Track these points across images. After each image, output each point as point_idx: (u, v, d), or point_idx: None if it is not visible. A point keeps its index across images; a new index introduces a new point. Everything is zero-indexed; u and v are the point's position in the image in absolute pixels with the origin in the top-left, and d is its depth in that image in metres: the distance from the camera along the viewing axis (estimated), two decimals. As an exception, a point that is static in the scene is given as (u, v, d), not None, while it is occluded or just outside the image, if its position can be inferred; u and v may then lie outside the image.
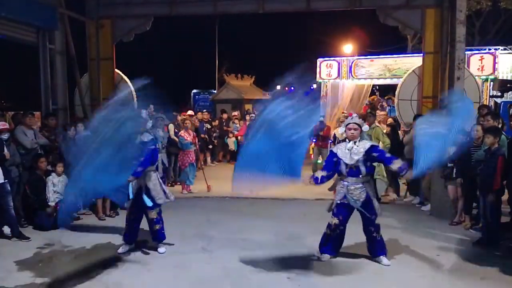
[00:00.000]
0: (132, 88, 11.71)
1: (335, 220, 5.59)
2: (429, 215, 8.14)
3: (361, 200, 5.44)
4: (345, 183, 5.47)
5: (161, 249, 6.09)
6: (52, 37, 10.01)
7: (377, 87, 15.25)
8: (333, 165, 5.57)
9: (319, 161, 11.08)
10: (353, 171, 5.43)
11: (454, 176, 7.33)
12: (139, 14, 11.10)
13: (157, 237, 6.14)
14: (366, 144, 5.44)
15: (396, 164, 5.39)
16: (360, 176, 5.44)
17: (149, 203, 5.89)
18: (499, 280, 5.20)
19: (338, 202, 5.55)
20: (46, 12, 9.55)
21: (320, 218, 6.65)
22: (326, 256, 5.76)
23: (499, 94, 14.13)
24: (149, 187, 5.95)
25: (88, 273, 5.32)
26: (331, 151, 5.80)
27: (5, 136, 6.70)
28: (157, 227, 6.08)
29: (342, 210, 5.57)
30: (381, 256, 5.63)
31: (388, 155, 5.63)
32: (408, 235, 6.88)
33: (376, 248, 5.67)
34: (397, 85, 11.63)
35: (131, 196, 5.88)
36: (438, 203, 8.03)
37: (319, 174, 5.57)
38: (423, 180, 8.64)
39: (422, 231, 7.09)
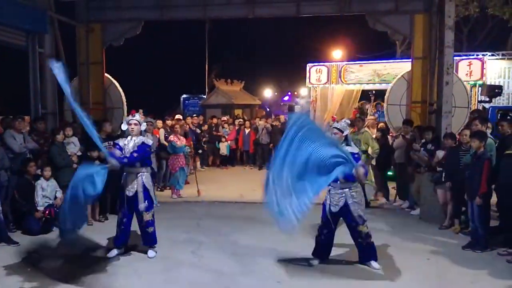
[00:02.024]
0: (122, 93, 11.76)
1: (320, 222, 5.72)
2: (419, 219, 8.19)
3: (339, 205, 5.47)
4: (329, 186, 5.50)
5: (151, 253, 6.05)
6: (42, 40, 9.94)
7: (373, 92, 15.30)
8: None
9: None
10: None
11: (443, 180, 7.41)
12: (129, 18, 11.07)
13: (150, 241, 6.09)
14: (349, 150, 5.30)
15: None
16: (338, 182, 5.40)
17: (149, 204, 5.96)
18: (489, 283, 5.26)
19: (325, 206, 5.64)
20: (35, 16, 9.48)
21: (311, 222, 6.67)
22: (315, 261, 5.78)
23: (487, 99, 14.29)
24: (148, 188, 5.99)
25: (77, 278, 5.26)
26: None
27: (-6, 140, 6.64)
28: (151, 229, 6.04)
29: (326, 215, 5.61)
30: (371, 261, 5.62)
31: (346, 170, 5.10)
32: (398, 239, 6.91)
33: (363, 253, 5.67)
34: (386, 90, 11.72)
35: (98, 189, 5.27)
36: (428, 208, 8.08)
37: None
38: (412, 184, 8.71)
39: (411, 235, 7.13)
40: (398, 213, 8.76)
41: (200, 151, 13.67)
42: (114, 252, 6.02)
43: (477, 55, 14.09)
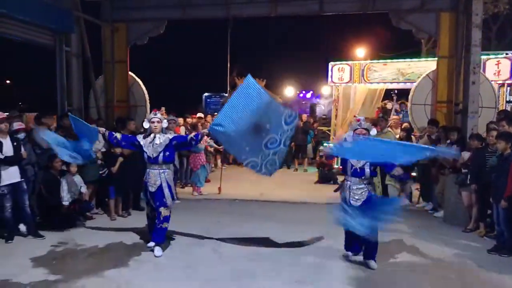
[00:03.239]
0: (145, 91, 11.91)
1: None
2: (442, 222, 8.05)
3: (362, 200, 5.52)
4: (348, 182, 5.63)
5: (158, 252, 6.00)
6: (68, 40, 10.16)
7: (396, 92, 15.08)
8: None
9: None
10: (357, 172, 5.54)
11: (468, 182, 7.25)
12: (152, 17, 11.21)
13: (159, 238, 6.08)
14: None
15: (397, 171, 5.45)
16: (363, 177, 5.54)
17: (168, 199, 6.07)
18: (514, 288, 5.13)
19: (343, 200, 5.72)
20: (62, 16, 9.69)
21: (331, 222, 6.63)
22: (349, 254, 5.90)
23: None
24: (170, 184, 6.12)
25: (100, 271, 5.37)
26: None
27: (21, 135, 6.81)
28: (165, 225, 6.09)
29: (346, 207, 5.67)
30: (371, 260, 5.63)
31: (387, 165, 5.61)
32: (420, 241, 6.79)
33: (369, 250, 5.66)
34: (410, 89, 11.56)
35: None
36: (452, 210, 7.92)
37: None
38: (436, 186, 8.57)
39: (434, 237, 7.01)
40: (421, 215, 8.63)
41: (221, 149, 13.72)
42: (151, 243, 6.14)
43: (506, 54, 13.73)
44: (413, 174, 9.68)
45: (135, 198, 8.38)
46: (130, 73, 11.71)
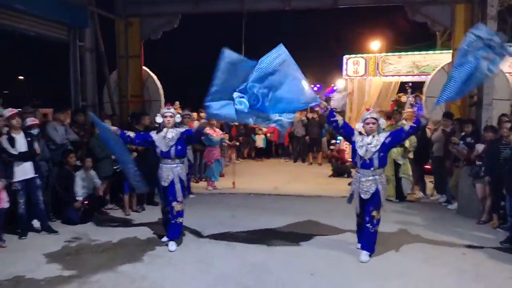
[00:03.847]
0: (160, 86, 11.97)
1: (356, 206, 5.84)
2: (456, 214, 8.02)
3: (371, 192, 5.55)
4: (358, 174, 5.68)
5: (173, 246, 6.03)
6: (82, 34, 10.22)
7: (410, 84, 14.98)
8: (349, 133, 5.79)
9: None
10: (366, 163, 5.56)
11: (482, 174, 7.21)
12: (166, 11, 11.25)
13: (174, 233, 6.12)
14: (381, 137, 5.58)
15: (407, 125, 5.68)
16: (372, 168, 5.56)
17: (182, 196, 6.11)
18: (527, 280, 5.09)
19: (352, 192, 5.80)
20: (76, 10, 9.76)
21: (345, 215, 6.66)
22: (359, 246, 5.86)
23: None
24: (183, 179, 6.15)
25: (115, 266, 5.42)
26: (352, 129, 5.85)
27: (35, 131, 6.88)
28: (180, 220, 6.12)
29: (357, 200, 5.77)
30: (363, 252, 5.63)
31: (398, 130, 5.83)
32: (435, 233, 6.79)
33: (364, 239, 5.70)
34: (425, 82, 11.43)
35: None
36: (465, 202, 7.88)
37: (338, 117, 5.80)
38: (450, 178, 8.51)
39: (448, 229, 6.99)
40: (435, 207, 8.59)
41: (237, 143, 13.78)
42: (165, 238, 6.22)
43: (521, 45, 13.50)
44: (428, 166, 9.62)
45: (149, 193, 8.43)
46: (144, 67, 11.77)
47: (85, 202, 7.39)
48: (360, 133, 5.71)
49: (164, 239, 6.22)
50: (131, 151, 7.78)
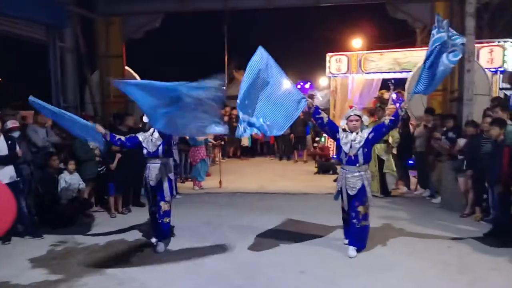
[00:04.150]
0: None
1: (342, 204, 5.92)
2: (440, 208, 8.14)
3: (357, 187, 5.63)
4: (344, 171, 5.76)
5: (161, 247, 6.00)
6: (62, 35, 10.08)
7: (392, 81, 15.16)
8: (334, 130, 5.82)
9: None
10: (352, 160, 5.65)
11: (464, 168, 7.34)
12: (148, 10, 11.14)
13: (163, 232, 6.10)
14: (364, 133, 5.69)
15: (387, 119, 5.67)
16: (357, 165, 5.64)
17: (170, 195, 6.07)
18: (509, 270, 5.23)
19: (339, 188, 5.86)
20: (56, 10, 9.62)
21: (331, 212, 6.71)
22: (346, 241, 5.96)
23: (508, 86, 14.02)
24: (171, 178, 6.14)
25: (102, 269, 5.37)
26: (336, 126, 5.93)
27: (16, 134, 6.75)
28: (167, 220, 6.08)
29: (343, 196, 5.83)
30: (350, 247, 5.71)
31: (379, 125, 5.83)
32: (419, 227, 6.89)
33: (351, 235, 5.78)
34: (407, 79, 11.56)
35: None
36: (449, 196, 8.02)
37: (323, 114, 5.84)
38: (433, 173, 8.64)
39: (432, 223, 7.10)
40: (419, 202, 8.71)
41: (222, 143, 13.76)
42: (154, 239, 6.17)
43: (498, 41, 13.77)
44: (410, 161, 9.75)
45: (135, 194, 8.38)
46: (126, 67, 11.66)
47: (70, 205, 7.29)
48: (344, 130, 5.81)
49: (152, 240, 6.18)
50: (115, 153, 7.71)
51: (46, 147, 7.53)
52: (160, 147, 6.02)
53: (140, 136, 6.11)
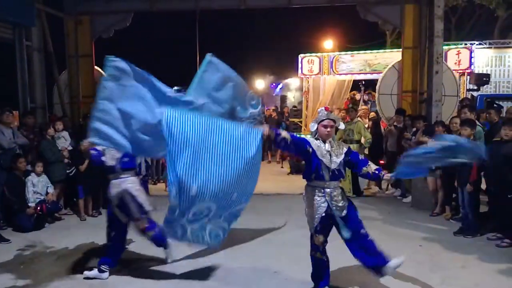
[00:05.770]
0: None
1: (321, 238, 4.72)
2: (410, 207, 8.29)
3: (346, 206, 4.59)
4: (327, 189, 4.55)
5: (169, 256, 5.57)
6: (29, 33, 9.80)
7: (363, 82, 15.38)
8: (303, 145, 4.54)
9: None
10: (336, 174, 4.54)
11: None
12: (118, 9, 10.93)
13: (159, 242, 5.49)
14: (343, 146, 4.71)
15: (371, 167, 4.66)
16: (341, 179, 4.72)
17: (140, 212, 5.25)
18: (479, 267, 5.36)
19: (323, 215, 4.60)
20: (22, 8, 9.34)
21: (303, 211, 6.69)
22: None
23: (475, 87, 14.45)
24: (134, 194, 5.22)
25: (72, 273, 5.26)
26: (303, 139, 4.64)
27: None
28: (151, 233, 5.38)
29: (326, 223, 4.67)
30: (390, 262, 4.67)
31: (362, 157, 4.85)
32: (390, 226, 7.00)
33: (372, 254, 4.76)
34: (377, 80, 11.74)
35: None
36: (419, 195, 8.18)
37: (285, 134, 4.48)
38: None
39: (404, 222, 7.22)
40: (390, 201, 8.85)
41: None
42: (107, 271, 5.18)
43: (465, 44, 14.17)
44: (382, 161, 9.87)
45: (105, 196, 8.20)
46: (96, 67, 11.43)
47: (38, 208, 7.09)
48: (316, 138, 4.60)
49: (106, 275, 5.15)
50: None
51: (12, 149, 7.28)
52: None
53: None
